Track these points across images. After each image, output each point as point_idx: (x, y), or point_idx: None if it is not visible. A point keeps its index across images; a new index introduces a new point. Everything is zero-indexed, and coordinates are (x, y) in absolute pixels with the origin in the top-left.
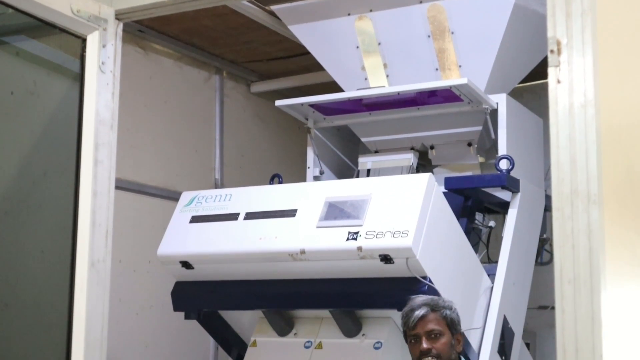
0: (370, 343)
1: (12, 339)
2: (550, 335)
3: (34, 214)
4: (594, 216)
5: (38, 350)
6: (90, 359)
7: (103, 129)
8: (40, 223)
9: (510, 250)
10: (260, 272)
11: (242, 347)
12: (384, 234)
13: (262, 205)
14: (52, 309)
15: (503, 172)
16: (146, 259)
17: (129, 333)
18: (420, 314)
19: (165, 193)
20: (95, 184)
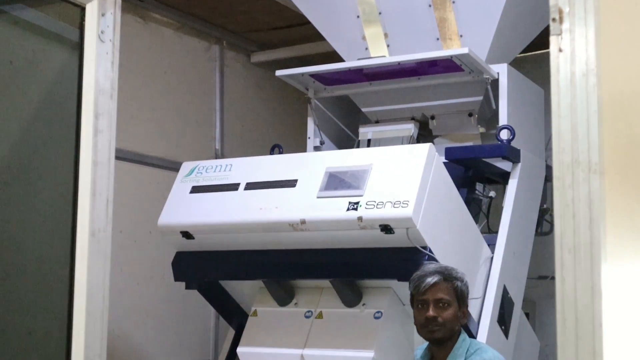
0: (371, 313)
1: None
2: (550, 305)
3: (34, 184)
4: (594, 185)
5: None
6: (91, 328)
7: (103, 99)
8: (41, 193)
9: (510, 221)
10: (261, 242)
11: (242, 316)
12: (384, 204)
13: (262, 176)
14: (53, 278)
15: (504, 142)
16: (147, 230)
17: (130, 303)
18: (433, 281)
19: (166, 163)
20: (96, 153)
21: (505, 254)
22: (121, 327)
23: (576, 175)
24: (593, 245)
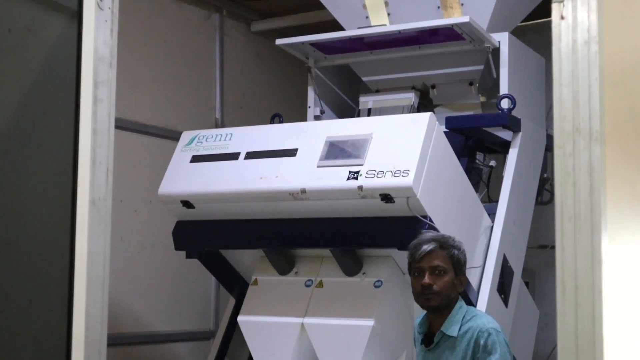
0: (371, 282)
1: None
2: (550, 274)
3: (34, 153)
4: (595, 154)
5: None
6: (92, 296)
7: (102, 67)
8: (41, 162)
9: (510, 190)
10: (261, 211)
11: (243, 285)
12: (384, 173)
13: (262, 145)
14: (53, 247)
15: (504, 111)
16: (147, 199)
17: (130, 272)
18: (428, 249)
19: (166, 133)
20: (95, 122)
21: (505, 223)
22: (122, 296)
23: (577, 144)
24: (593, 213)
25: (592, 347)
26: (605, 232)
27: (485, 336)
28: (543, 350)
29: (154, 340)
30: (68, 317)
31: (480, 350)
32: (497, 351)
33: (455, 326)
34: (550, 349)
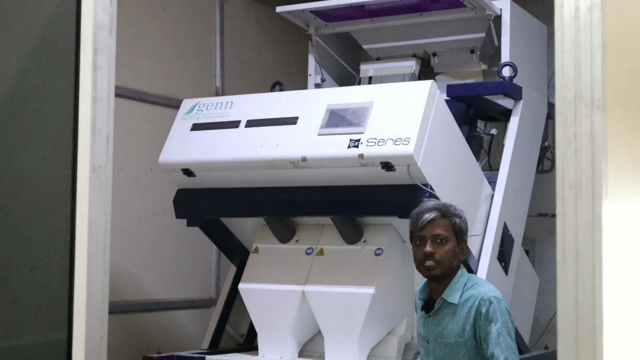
0: (371, 250)
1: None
2: (550, 242)
3: (34, 121)
4: (597, 121)
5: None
6: (93, 264)
7: (101, 34)
8: (40, 130)
9: (511, 158)
10: (262, 179)
11: (244, 253)
12: (385, 141)
13: (263, 113)
14: (54, 215)
15: (506, 79)
16: (148, 167)
17: (132, 240)
18: (430, 217)
19: (166, 101)
20: (95, 89)
21: (505, 191)
22: (123, 265)
23: (579, 111)
24: (594, 181)
25: (591, 314)
26: (606, 200)
27: (486, 304)
28: (543, 317)
29: (155, 308)
30: (70, 285)
31: (481, 318)
32: (498, 320)
33: (456, 293)
34: (550, 316)
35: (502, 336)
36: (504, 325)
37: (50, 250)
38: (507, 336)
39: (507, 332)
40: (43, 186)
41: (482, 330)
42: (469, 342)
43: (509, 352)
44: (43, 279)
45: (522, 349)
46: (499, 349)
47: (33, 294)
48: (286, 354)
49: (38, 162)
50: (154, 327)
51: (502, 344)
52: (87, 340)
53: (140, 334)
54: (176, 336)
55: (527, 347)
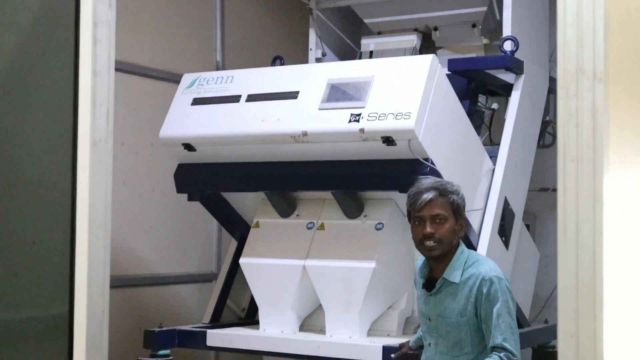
0: (372, 224)
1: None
2: (550, 217)
3: (34, 94)
4: (599, 94)
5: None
6: (94, 238)
7: (101, 7)
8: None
9: (512, 133)
10: (263, 154)
11: (244, 228)
12: (386, 115)
13: (263, 87)
14: (55, 188)
15: (507, 53)
16: (148, 142)
17: (133, 215)
18: (428, 198)
19: (166, 75)
20: (95, 63)
21: (506, 166)
22: (124, 239)
23: (580, 84)
24: (596, 154)
25: (592, 288)
26: (607, 174)
27: (488, 284)
28: (543, 292)
29: (156, 283)
30: (71, 259)
31: (482, 298)
32: (499, 299)
33: (457, 272)
34: (550, 290)
35: (502, 317)
36: (505, 305)
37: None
38: (507, 316)
39: (508, 312)
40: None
41: (483, 310)
42: (471, 321)
43: (508, 332)
44: (44, 253)
45: (522, 324)
46: (498, 330)
47: (34, 268)
48: (287, 328)
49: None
50: (155, 301)
51: (501, 325)
52: (88, 314)
53: (142, 309)
54: (177, 310)
55: (527, 321)
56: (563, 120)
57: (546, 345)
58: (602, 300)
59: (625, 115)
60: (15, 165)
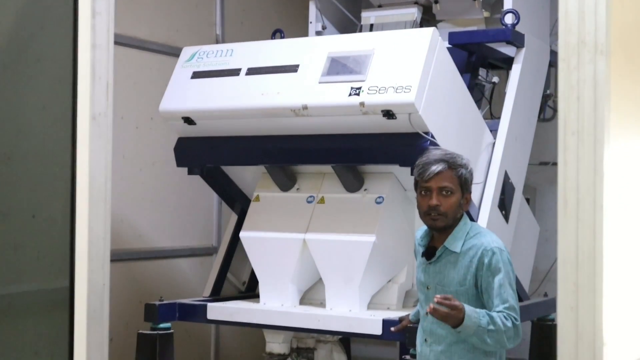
0: (372, 198)
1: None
2: (550, 191)
3: (33, 67)
4: (600, 67)
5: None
6: (94, 211)
7: None
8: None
9: (513, 106)
10: (263, 127)
11: (245, 202)
12: (386, 89)
13: (263, 61)
14: (55, 162)
15: (508, 26)
16: (148, 116)
17: (133, 189)
18: (437, 170)
19: (166, 49)
20: (94, 36)
21: (507, 139)
22: (124, 213)
23: (582, 57)
24: (597, 127)
25: (592, 261)
26: (608, 147)
27: (489, 255)
28: (543, 265)
29: (156, 256)
30: (71, 232)
31: (483, 268)
32: (501, 270)
33: (458, 242)
34: (549, 264)
35: (504, 287)
36: (506, 276)
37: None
38: (508, 287)
39: (509, 283)
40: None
41: (484, 280)
42: (470, 291)
43: (511, 300)
44: (44, 226)
45: (522, 297)
46: (499, 300)
47: (35, 241)
48: (287, 302)
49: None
50: (155, 275)
51: (503, 294)
52: (89, 287)
53: (142, 282)
54: (178, 284)
55: (527, 294)
56: (564, 93)
57: (545, 319)
58: (602, 273)
59: (626, 88)
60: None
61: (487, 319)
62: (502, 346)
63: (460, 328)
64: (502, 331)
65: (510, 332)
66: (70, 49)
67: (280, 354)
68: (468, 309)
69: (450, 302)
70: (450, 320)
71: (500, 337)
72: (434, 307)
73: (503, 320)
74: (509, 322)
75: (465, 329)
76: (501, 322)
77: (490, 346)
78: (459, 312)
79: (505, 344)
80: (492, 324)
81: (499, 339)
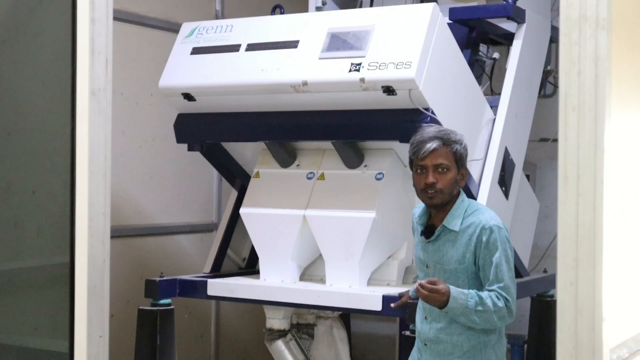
0: (372, 174)
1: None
2: (550, 167)
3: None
4: (601, 42)
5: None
6: (94, 187)
7: None
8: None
9: (513, 82)
10: (263, 104)
11: (245, 178)
12: (386, 65)
13: (263, 37)
14: (54, 138)
15: (509, 2)
16: (148, 92)
17: (133, 166)
18: (432, 147)
19: (165, 24)
20: (93, 10)
21: (507, 115)
22: (125, 189)
23: (583, 32)
24: (598, 102)
25: (592, 236)
26: (609, 122)
27: (487, 233)
28: (542, 242)
29: (157, 233)
30: (71, 208)
31: (482, 246)
32: (498, 249)
33: (457, 220)
34: (549, 241)
35: (500, 266)
36: (503, 254)
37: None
38: (504, 266)
39: (506, 261)
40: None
41: (482, 258)
42: (469, 269)
43: (507, 280)
44: (44, 202)
45: (521, 273)
46: (494, 278)
47: (35, 217)
48: (287, 278)
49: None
50: (155, 251)
51: (498, 274)
52: (89, 263)
53: (142, 258)
54: (178, 260)
55: (526, 271)
56: (565, 68)
57: (545, 295)
58: (601, 249)
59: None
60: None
61: (476, 299)
62: (492, 325)
63: (446, 309)
64: (491, 311)
65: (501, 312)
66: (69, 23)
67: (281, 329)
68: (455, 291)
69: (433, 286)
70: (432, 303)
71: (489, 316)
72: (417, 288)
73: (494, 300)
74: (501, 301)
75: (451, 310)
76: (491, 303)
77: (479, 325)
78: (441, 296)
79: (496, 323)
80: (481, 304)
81: (489, 318)
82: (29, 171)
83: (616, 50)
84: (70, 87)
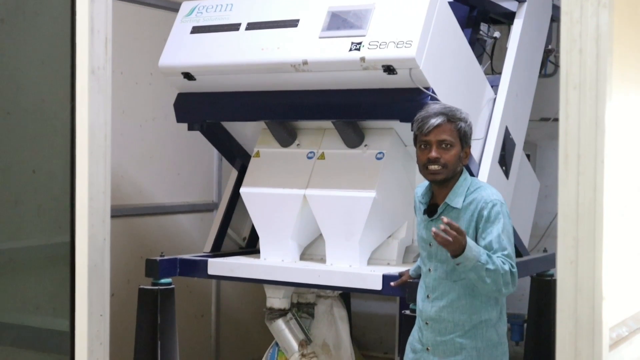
0: (373, 153)
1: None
2: (551, 147)
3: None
4: (603, 20)
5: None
6: (94, 166)
7: None
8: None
9: (514, 62)
10: (263, 83)
11: (245, 157)
12: (387, 44)
13: (263, 15)
14: (54, 117)
15: None
16: (148, 71)
17: (133, 145)
18: (436, 123)
19: (165, 3)
20: None
21: (508, 95)
22: (125, 169)
23: (585, 9)
24: (599, 81)
25: (592, 215)
26: (610, 101)
27: (489, 207)
28: (542, 221)
29: (157, 212)
30: (71, 187)
31: (483, 220)
32: (500, 221)
33: (459, 198)
34: (549, 220)
35: (501, 237)
36: (504, 228)
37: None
38: (505, 237)
39: (507, 235)
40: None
41: (484, 231)
42: None
43: (509, 249)
44: (44, 182)
45: (521, 253)
46: (497, 246)
47: (35, 196)
48: (287, 257)
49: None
50: (156, 230)
51: (501, 242)
52: (90, 242)
53: (143, 238)
54: (178, 240)
55: (526, 250)
56: (566, 46)
57: (545, 274)
58: (602, 227)
59: (629, 42)
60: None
61: (487, 257)
62: (498, 289)
63: (460, 259)
64: (500, 273)
65: (507, 277)
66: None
67: (281, 309)
68: (470, 242)
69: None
70: (452, 245)
71: (497, 278)
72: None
73: (501, 263)
74: (507, 266)
75: (464, 259)
76: (500, 264)
77: (488, 286)
78: (463, 238)
79: (502, 287)
80: (492, 263)
81: (496, 279)
82: (29, 150)
83: (618, 28)
84: (70, 66)
